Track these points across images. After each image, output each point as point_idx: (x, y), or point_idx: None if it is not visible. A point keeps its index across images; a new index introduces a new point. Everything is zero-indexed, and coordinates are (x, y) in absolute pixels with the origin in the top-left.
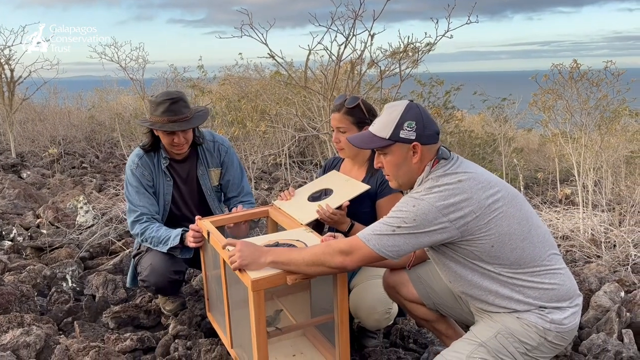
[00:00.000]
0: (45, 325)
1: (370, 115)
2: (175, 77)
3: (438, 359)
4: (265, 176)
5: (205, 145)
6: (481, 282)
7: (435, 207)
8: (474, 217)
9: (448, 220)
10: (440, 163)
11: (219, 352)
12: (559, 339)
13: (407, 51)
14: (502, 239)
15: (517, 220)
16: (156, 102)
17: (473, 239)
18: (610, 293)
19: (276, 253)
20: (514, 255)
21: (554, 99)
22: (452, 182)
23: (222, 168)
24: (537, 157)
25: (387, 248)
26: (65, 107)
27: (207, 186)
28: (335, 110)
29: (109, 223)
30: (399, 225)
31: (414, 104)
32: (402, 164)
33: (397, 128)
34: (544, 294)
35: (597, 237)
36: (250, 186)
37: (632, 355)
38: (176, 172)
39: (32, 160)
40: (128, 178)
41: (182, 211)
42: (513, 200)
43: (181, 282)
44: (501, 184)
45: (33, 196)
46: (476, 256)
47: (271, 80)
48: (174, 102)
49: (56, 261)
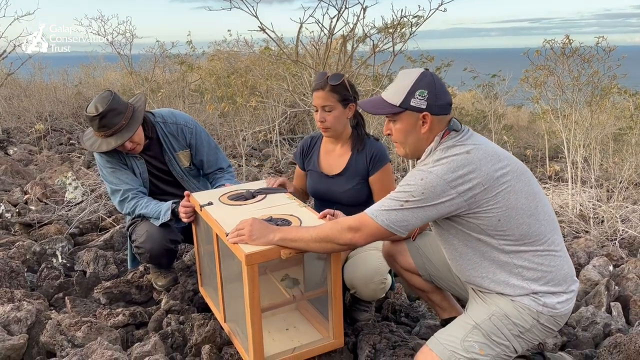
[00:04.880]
0: (36, 301)
1: (354, 92)
2: (163, 53)
3: (432, 341)
4: (255, 153)
5: (167, 128)
6: (481, 262)
7: (443, 180)
8: (482, 189)
9: (456, 192)
10: (451, 135)
11: (212, 327)
12: (551, 322)
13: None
14: (510, 213)
15: (524, 195)
16: (88, 119)
17: (480, 211)
18: (599, 267)
19: (284, 230)
20: (520, 231)
21: (546, 75)
22: (460, 153)
23: (191, 149)
24: (527, 134)
25: (395, 223)
26: (51, 83)
27: (177, 170)
28: (319, 88)
29: (98, 199)
30: (406, 199)
31: (428, 73)
32: (411, 133)
33: (408, 96)
34: (541, 277)
35: (585, 212)
36: (227, 160)
37: (621, 327)
38: (144, 158)
39: (18, 136)
40: (99, 162)
41: (162, 188)
42: (522, 175)
43: (175, 253)
44: (510, 158)
45: (20, 172)
46: (482, 230)
47: (261, 55)
48: (102, 117)
49: (45, 237)
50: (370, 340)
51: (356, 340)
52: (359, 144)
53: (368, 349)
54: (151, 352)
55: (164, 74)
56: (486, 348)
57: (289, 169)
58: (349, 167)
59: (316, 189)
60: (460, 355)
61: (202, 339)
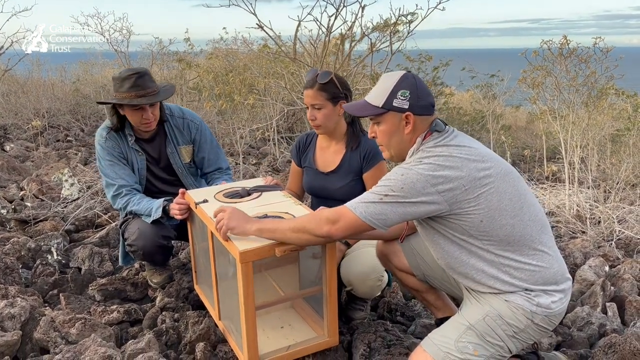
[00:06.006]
0: (30, 298)
1: (344, 89)
2: (161, 50)
3: (426, 342)
4: (253, 151)
5: (174, 121)
6: (468, 260)
7: (424, 177)
8: (462, 190)
9: (436, 191)
10: (433, 135)
11: (207, 324)
12: (545, 322)
13: (398, 23)
14: (492, 214)
15: (508, 196)
16: (121, 78)
17: (462, 212)
18: (595, 267)
19: (262, 221)
20: (503, 232)
21: (543, 76)
22: (443, 154)
23: (194, 145)
24: (525, 135)
25: (373, 216)
26: (49, 80)
27: (178, 164)
28: (308, 87)
29: (94, 196)
30: (386, 193)
31: (410, 74)
32: (395, 134)
33: (390, 96)
34: (531, 276)
35: (582, 213)
36: (227, 161)
37: (616, 328)
38: (145, 150)
39: (15, 132)
40: (99, 153)
41: (157, 187)
42: (506, 176)
43: (170, 250)
44: (495, 159)
45: (17, 169)
46: (465, 231)
47: (260, 53)
48: (140, 77)
49: (41, 234)
50: (365, 338)
51: (351, 339)
52: (353, 142)
53: (363, 347)
54: (145, 350)
55: (161, 72)
56: (480, 349)
57: (286, 167)
58: (343, 164)
59: (312, 186)
60: (454, 356)
61: (196, 337)
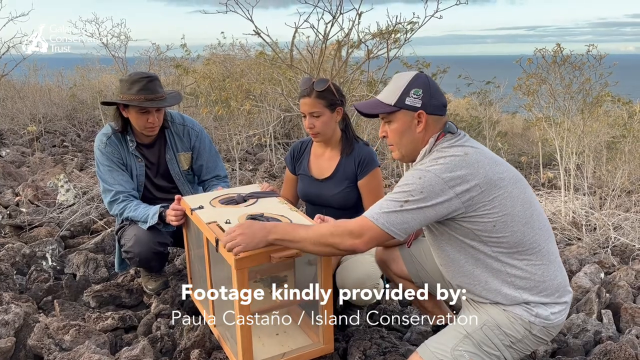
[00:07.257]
0: (24, 304)
1: (340, 96)
2: (158, 56)
3: (422, 349)
4: (249, 157)
5: (174, 128)
6: (473, 270)
7: (442, 179)
8: (479, 192)
9: (454, 192)
10: (446, 137)
11: (202, 331)
12: (543, 333)
13: (395, 31)
14: (505, 219)
15: (520, 202)
16: (131, 81)
17: (476, 215)
18: (590, 274)
19: (280, 231)
20: (514, 239)
21: (538, 83)
22: (459, 154)
23: (193, 153)
24: (521, 141)
25: (395, 226)
26: (45, 85)
27: (176, 171)
28: (305, 95)
29: (90, 202)
30: (406, 199)
31: (422, 74)
32: (406, 133)
33: (403, 95)
34: (534, 286)
35: (578, 220)
36: (225, 169)
37: (611, 335)
38: (145, 156)
39: (11, 138)
40: (98, 158)
41: (154, 194)
42: (517, 182)
43: (166, 257)
44: (506, 165)
45: (12, 174)
46: (476, 236)
47: (257, 59)
48: (150, 81)
49: (36, 240)
50: (361, 345)
51: (347, 346)
52: (347, 148)
53: (358, 354)
54: (139, 356)
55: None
56: (476, 358)
57: (283, 173)
58: (338, 171)
59: (307, 193)
60: None
61: (191, 344)
